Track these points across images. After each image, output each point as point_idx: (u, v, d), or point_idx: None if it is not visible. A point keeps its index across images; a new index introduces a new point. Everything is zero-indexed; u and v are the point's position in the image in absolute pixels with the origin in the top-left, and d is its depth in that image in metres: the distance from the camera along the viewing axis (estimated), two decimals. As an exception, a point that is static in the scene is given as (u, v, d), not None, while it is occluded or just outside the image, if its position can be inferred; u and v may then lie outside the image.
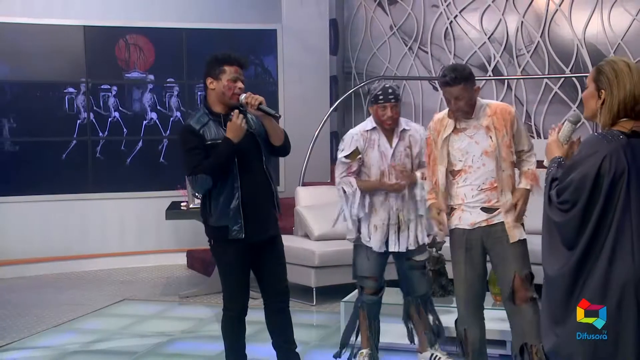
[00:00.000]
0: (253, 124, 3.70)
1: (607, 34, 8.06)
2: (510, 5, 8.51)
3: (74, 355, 4.84)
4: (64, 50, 7.57)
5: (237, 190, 3.58)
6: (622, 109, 2.55)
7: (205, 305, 6.07)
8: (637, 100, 2.55)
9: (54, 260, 7.49)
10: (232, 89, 3.60)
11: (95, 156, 7.69)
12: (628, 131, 2.54)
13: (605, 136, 2.53)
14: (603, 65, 2.61)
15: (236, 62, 3.63)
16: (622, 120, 2.57)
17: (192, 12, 7.88)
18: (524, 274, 3.73)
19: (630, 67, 2.57)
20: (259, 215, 3.66)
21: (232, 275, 3.71)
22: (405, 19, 9.12)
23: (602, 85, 2.59)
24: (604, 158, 2.47)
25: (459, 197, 3.82)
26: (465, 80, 3.70)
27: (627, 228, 2.48)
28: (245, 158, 3.61)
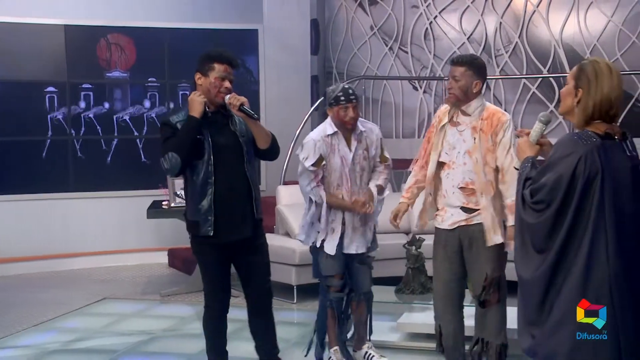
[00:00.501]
0: (238, 125, 3.66)
1: (583, 35, 8.12)
2: (489, 6, 8.55)
3: (55, 354, 4.80)
4: (45, 49, 7.50)
5: (211, 187, 3.55)
6: (596, 110, 2.54)
7: (186, 303, 6.04)
8: (612, 104, 2.53)
9: (35, 259, 7.42)
10: (218, 87, 3.57)
11: (76, 155, 7.62)
12: (602, 133, 2.53)
13: (580, 137, 2.52)
14: (586, 64, 2.58)
15: (227, 60, 3.60)
16: (596, 122, 2.55)
17: (173, 11, 7.84)
18: (494, 276, 3.75)
19: (612, 70, 2.55)
20: (233, 215, 3.62)
21: (209, 272, 3.71)
22: (385, 20, 9.13)
23: (581, 84, 2.57)
24: (579, 159, 2.47)
25: (441, 192, 3.83)
26: (469, 65, 3.74)
27: (602, 229, 2.48)
28: (224, 157, 3.58)
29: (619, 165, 2.52)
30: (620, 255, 2.49)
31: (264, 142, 3.67)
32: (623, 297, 2.51)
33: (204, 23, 7.87)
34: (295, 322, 5.52)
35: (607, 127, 2.55)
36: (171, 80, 7.91)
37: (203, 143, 3.56)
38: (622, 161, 2.54)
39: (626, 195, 2.52)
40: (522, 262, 2.63)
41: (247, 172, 3.64)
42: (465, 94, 3.74)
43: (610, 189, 2.48)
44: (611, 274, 2.48)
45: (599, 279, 2.49)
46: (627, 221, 2.52)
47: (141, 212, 6.46)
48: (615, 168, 2.50)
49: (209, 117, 3.60)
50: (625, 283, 2.52)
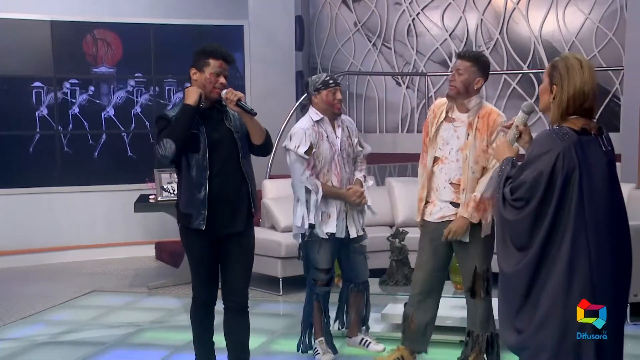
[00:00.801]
0: (232, 121, 3.62)
1: (562, 31, 8.20)
2: (470, 4, 8.59)
3: (43, 347, 4.79)
4: (31, 44, 7.45)
5: (206, 181, 3.51)
6: (571, 104, 2.56)
7: (173, 296, 6.04)
8: (586, 97, 2.56)
9: (23, 252, 7.39)
10: (213, 83, 3.53)
11: (63, 150, 7.59)
12: (578, 129, 2.55)
13: (557, 133, 2.54)
14: (557, 61, 2.62)
15: (222, 56, 3.56)
16: (572, 117, 2.57)
17: (160, 7, 7.81)
18: (482, 269, 3.79)
19: (582, 64, 2.57)
20: (227, 210, 3.57)
21: (197, 264, 3.67)
22: (369, 16, 9.15)
23: (555, 80, 2.60)
24: (557, 156, 2.49)
25: (433, 186, 3.85)
26: (474, 61, 3.75)
27: (582, 224, 2.50)
28: (220, 152, 3.54)
29: (595, 160, 2.55)
30: (601, 249, 2.52)
31: (259, 138, 3.63)
32: (604, 290, 2.55)
33: (190, 19, 7.86)
34: (281, 314, 5.53)
35: (584, 123, 2.57)
36: (157, 76, 7.89)
37: (199, 137, 3.52)
38: (598, 156, 2.56)
39: (603, 189, 2.55)
40: (503, 257, 2.65)
41: (242, 167, 3.61)
42: (466, 89, 3.74)
43: (588, 183, 2.50)
44: (593, 268, 2.51)
45: (582, 273, 2.51)
46: (605, 215, 2.54)
47: (128, 206, 6.46)
48: (592, 163, 2.53)
49: (204, 112, 3.56)
50: (607, 276, 2.55)
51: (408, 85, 9.06)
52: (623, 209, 2.65)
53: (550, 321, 2.56)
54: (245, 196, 3.64)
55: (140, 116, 7.84)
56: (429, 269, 3.88)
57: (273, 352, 4.57)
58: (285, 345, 4.69)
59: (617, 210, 2.60)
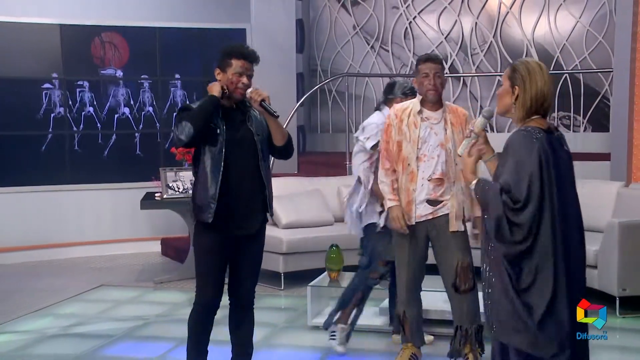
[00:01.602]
0: (254, 123, 3.50)
1: (553, 35, 8.20)
2: (465, 8, 8.59)
3: (53, 339, 4.79)
4: (41, 47, 7.44)
5: (219, 175, 3.37)
6: (534, 104, 2.63)
7: (178, 290, 6.04)
8: (546, 97, 2.64)
9: (34, 248, 7.38)
10: (235, 83, 3.42)
11: (73, 149, 7.59)
12: (545, 128, 2.63)
13: (531, 133, 2.60)
14: (517, 65, 2.68)
15: (244, 56, 3.45)
16: (535, 117, 2.64)
17: (165, 11, 7.80)
18: (466, 262, 3.80)
19: (541, 67, 2.67)
20: (241, 209, 3.45)
21: (205, 261, 3.48)
22: (367, 20, 9.15)
23: (516, 82, 2.66)
24: (539, 156, 2.55)
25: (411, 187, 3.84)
26: (442, 63, 3.91)
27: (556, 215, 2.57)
28: (238, 152, 3.42)
29: (560, 157, 2.63)
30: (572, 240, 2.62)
31: (280, 140, 3.51)
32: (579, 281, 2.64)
33: (194, 22, 7.85)
34: (283, 308, 5.53)
35: (547, 123, 2.66)
36: (163, 77, 7.88)
37: (217, 134, 3.39)
38: (562, 153, 2.65)
39: (567, 183, 2.64)
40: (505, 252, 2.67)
41: (261, 169, 3.48)
42: (442, 90, 3.86)
43: (558, 178, 2.59)
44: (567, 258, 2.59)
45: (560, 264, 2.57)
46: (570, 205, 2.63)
47: (135, 204, 6.45)
48: (558, 160, 2.61)
49: (227, 111, 3.45)
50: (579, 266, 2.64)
51: (405, 87, 9.04)
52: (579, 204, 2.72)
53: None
54: (260, 199, 3.50)
55: (146, 116, 7.84)
56: (411, 267, 3.88)
57: (275, 345, 4.57)
58: (286, 339, 4.69)
59: (577, 204, 2.69)
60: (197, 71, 7.95)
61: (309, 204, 6.31)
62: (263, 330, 4.64)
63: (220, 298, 3.54)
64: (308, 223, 6.17)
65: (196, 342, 3.59)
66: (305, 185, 6.66)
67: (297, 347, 4.52)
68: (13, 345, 4.66)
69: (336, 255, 4.94)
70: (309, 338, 4.67)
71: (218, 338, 3.98)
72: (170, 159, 6.80)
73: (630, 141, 6.00)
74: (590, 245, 5.05)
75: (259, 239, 3.60)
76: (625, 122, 6.05)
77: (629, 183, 5.80)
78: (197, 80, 7.94)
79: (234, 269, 3.59)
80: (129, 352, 4.49)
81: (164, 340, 4.69)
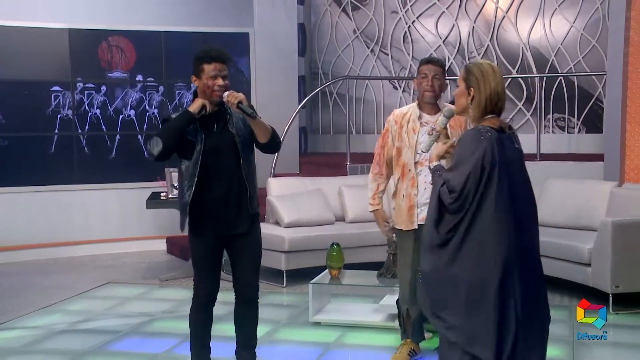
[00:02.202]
0: (235, 123, 3.48)
1: (548, 39, 8.20)
2: (462, 12, 8.59)
3: (62, 335, 4.80)
4: (50, 51, 7.45)
5: (192, 188, 3.41)
6: (488, 104, 2.70)
7: (183, 287, 6.03)
8: (499, 97, 2.71)
9: (42, 246, 7.39)
10: (211, 87, 3.39)
11: (81, 150, 7.60)
12: (497, 127, 2.68)
13: (481, 133, 2.66)
14: (471, 67, 2.74)
15: (213, 59, 3.40)
16: (489, 116, 2.71)
17: (170, 15, 7.81)
18: None
19: (494, 68, 2.74)
20: (229, 212, 3.48)
21: (198, 261, 3.59)
22: (367, 24, 9.15)
23: (471, 83, 2.72)
24: (484, 154, 2.61)
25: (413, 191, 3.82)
26: (443, 66, 3.85)
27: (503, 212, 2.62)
28: (218, 157, 3.43)
29: (511, 155, 2.69)
30: (521, 233, 2.65)
31: (263, 137, 3.48)
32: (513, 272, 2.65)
33: (199, 26, 7.85)
34: (285, 305, 5.53)
35: (500, 122, 2.72)
36: (168, 80, 7.89)
37: (194, 146, 3.40)
38: (513, 152, 2.71)
39: (518, 180, 2.69)
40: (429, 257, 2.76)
41: (242, 171, 3.47)
42: (440, 92, 3.83)
43: (506, 175, 2.64)
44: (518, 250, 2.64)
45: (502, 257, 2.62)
46: (522, 203, 2.68)
47: (141, 203, 6.46)
48: (509, 158, 2.67)
49: (207, 119, 3.43)
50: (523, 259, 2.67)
51: (404, 89, 9.06)
52: (533, 197, 2.79)
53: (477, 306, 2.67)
54: (245, 198, 3.50)
55: (152, 118, 7.84)
56: (414, 267, 3.86)
57: (277, 340, 4.57)
58: (288, 334, 4.69)
59: (530, 197, 2.75)
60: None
61: (310, 203, 6.31)
62: (265, 327, 4.64)
63: (215, 293, 3.60)
64: (310, 222, 6.18)
65: (197, 336, 3.63)
66: (307, 185, 6.67)
67: (298, 343, 4.52)
68: (23, 341, 4.66)
69: (337, 254, 4.94)
70: (311, 334, 4.67)
71: (222, 334, 3.99)
72: (176, 159, 6.78)
73: (623, 142, 6.00)
74: (585, 243, 5.10)
75: (253, 235, 3.59)
76: (618, 124, 6.04)
77: (622, 183, 5.79)
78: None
79: (234, 266, 3.62)
80: (136, 347, 4.50)
81: (170, 336, 4.69)
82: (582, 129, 8.12)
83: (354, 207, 6.41)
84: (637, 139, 5.96)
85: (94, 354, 4.37)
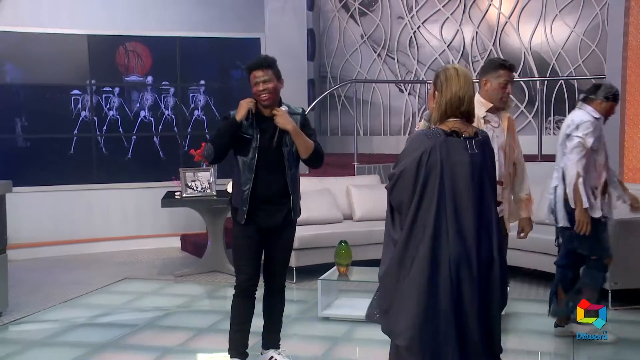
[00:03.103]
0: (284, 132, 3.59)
1: (549, 43, 8.17)
2: (466, 18, 8.58)
3: (82, 327, 4.84)
4: (70, 56, 7.49)
5: (250, 182, 3.56)
6: (449, 108, 2.68)
7: (197, 283, 6.07)
8: (462, 101, 2.68)
9: (63, 243, 7.43)
10: (258, 94, 3.58)
11: (100, 151, 7.63)
12: (448, 130, 2.67)
13: (427, 134, 2.68)
14: (440, 72, 2.75)
15: (251, 68, 3.60)
16: (450, 119, 2.69)
17: (185, 22, 7.83)
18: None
19: (459, 72, 2.70)
20: (269, 211, 3.62)
21: (241, 251, 3.68)
22: (374, 29, 9.15)
23: (437, 87, 2.73)
24: (422, 153, 2.62)
25: None
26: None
27: (443, 213, 2.60)
28: (267, 158, 3.57)
29: (457, 158, 2.65)
30: (460, 236, 2.61)
31: (304, 153, 3.62)
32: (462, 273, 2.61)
33: (212, 32, 7.88)
34: (295, 300, 5.54)
35: (457, 126, 2.68)
36: (183, 84, 7.91)
37: (250, 142, 3.56)
38: (460, 155, 2.65)
39: (464, 184, 2.64)
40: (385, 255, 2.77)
41: (287, 177, 3.62)
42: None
43: (449, 178, 2.62)
44: (452, 252, 2.59)
45: (442, 257, 2.59)
46: (466, 207, 2.63)
47: (157, 202, 6.49)
48: (454, 161, 2.64)
49: (262, 119, 3.59)
50: (465, 261, 2.61)
51: (410, 92, 9.05)
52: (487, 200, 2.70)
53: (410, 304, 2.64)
54: (286, 206, 3.65)
55: (167, 120, 7.88)
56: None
57: (287, 334, 4.55)
58: (298, 329, 4.70)
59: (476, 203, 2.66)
60: (216, 78, 7.98)
61: (319, 202, 6.32)
62: (276, 321, 4.66)
63: (255, 282, 3.70)
64: (319, 220, 6.19)
65: (238, 323, 3.73)
66: (316, 184, 6.67)
67: (308, 338, 4.54)
68: (46, 333, 4.71)
69: (345, 251, 4.95)
70: (320, 328, 4.70)
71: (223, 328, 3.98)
72: (190, 160, 6.84)
73: (622, 144, 5.98)
74: (584, 241, 5.07)
75: (287, 232, 3.74)
76: (617, 126, 6.02)
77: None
78: (215, 86, 7.97)
79: (267, 258, 3.77)
80: (152, 340, 4.52)
81: (184, 330, 4.71)
82: (582, 130, 8.08)
83: (362, 206, 6.42)
84: (635, 140, 5.96)
85: (112, 346, 4.41)
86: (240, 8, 8.02)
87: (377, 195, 6.47)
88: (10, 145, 7.33)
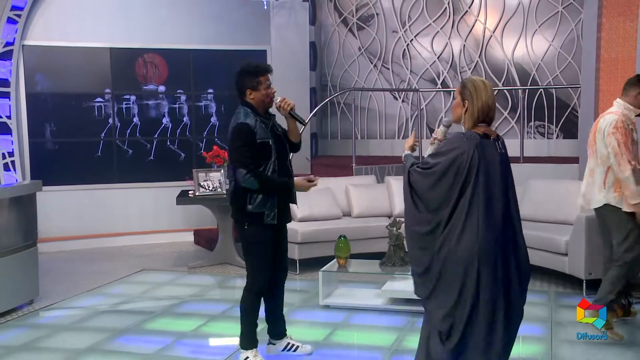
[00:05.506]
0: (278, 127, 3.56)
1: (530, 55, 8.18)
2: (454, 32, 8.59)
3: (104, 314, 4.86)
4: (94, 67, 7.50)
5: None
6: (480, 115, 2.76)
7: (209, 274, 6.08)
8: (490, 108, 2.77)
9: (87, 237, 7.44)
10: (269, 96, 3.48)
11: (122, 154, 7.65)
12: (481, 133, 2.75)
13: (465, 136, 2.74)
14: (466, 82, 2.80)
15: (267, 70, 3.51)
16: (480, 125, 2.77)
17: (198, 35, 7.84)
18: None
19: (485, 84, 2.79)
20: (284, 204, 3.54)
21: (262, 252, 3.50)
22: (371, 42, 9.15)
23: (466, 97, 2.78)
24: (461, 152, 2.69)
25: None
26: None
27: (475, 206, 2.66)
28: (281, 157, 3.49)
29: (491, 158, 2.74)
30: (488, 228, 2.67)
31: (296, 137, 3.60)
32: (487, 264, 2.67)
33: (223, 45, 7.89)
34: (298, 290, 5.54)
35: (486, 129, 2.77)
36: (196, 92, 7.92)
37: (271, 147, 3.44)
38: (493, 155, 2.75)
39: (496, 181, 2.73)
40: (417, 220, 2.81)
41: (290, 165, 3.59)
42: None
43: (484, 175, 2.69)
44: (480, 242, 2.65)
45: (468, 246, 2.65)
46: (496, 202, 2.71)
47: (172, 200, 6.49)
48: (488, 160, 2.72)
49: (266, 122, 3.47)
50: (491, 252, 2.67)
51: (403, 99, 9.06)
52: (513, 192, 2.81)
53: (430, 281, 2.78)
54: (291, 192, 3.58)
55: (182, 125, 7.88)
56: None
57: (291, 321, 4.57)
58: (301, 316, 4.72)
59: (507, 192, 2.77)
60: (225, 86, 8.00)
61: (320, 200, 6.33)
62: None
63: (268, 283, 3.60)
64: (320, 217, 6.20)
65: (251, 322, 3.61)
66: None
67: (310, 324, 4.55)
68: (72, 319, 4.73)
69: (344, 245, 4.96)
70: (321, 315, 4.71)
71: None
72: (202, 161, 6.86)
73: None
74: (562, 235, 5.11)
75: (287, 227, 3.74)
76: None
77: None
78: (225, 94, 7.99)
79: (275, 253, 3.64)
80: (168, 326, 4.54)
81: (197, 316, 4.73)
82: (560, 135, 8.10)
83: (359, 204, 6.43)
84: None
85: (132, 331, 4.43)
86: (248, 23, 8.03)
87: (373, 194, 6.49)
88: (40, 148, 7.35)
